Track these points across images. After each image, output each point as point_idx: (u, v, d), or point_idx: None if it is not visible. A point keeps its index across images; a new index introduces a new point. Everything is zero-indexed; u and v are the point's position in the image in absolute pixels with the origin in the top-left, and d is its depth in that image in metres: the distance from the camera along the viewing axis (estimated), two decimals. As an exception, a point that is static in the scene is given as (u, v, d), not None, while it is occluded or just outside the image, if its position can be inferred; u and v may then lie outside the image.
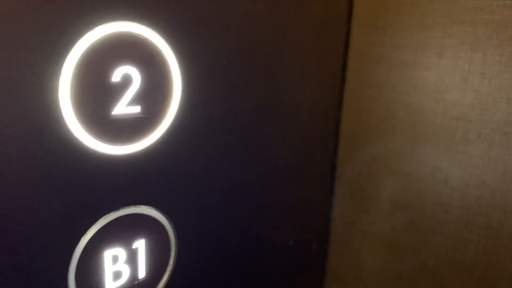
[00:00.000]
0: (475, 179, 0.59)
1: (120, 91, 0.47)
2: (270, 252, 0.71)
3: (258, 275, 0.70)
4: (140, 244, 0.53)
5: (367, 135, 0.70)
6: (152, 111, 0.50)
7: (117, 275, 0.52)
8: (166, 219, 0.54)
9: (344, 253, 0.76)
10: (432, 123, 0.62)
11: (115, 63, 0.46)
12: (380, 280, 0.72)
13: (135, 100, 0.48)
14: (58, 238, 0.47)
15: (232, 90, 0.57)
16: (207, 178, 0.58)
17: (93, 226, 0.49)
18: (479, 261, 0.60)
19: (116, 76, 0.46)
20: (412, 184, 0.65)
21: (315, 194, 0.75)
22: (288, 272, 0.76)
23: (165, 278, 0.56)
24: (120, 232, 0.51)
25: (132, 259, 0.52)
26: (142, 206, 0.52)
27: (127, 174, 0.50)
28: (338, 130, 0.75)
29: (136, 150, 0.50)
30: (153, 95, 0.49)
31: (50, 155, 0.44)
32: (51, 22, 0.41)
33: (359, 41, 0.69)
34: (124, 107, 0.48)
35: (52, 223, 0.46)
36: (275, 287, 0.75)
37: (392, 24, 0.65)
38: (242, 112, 0.59)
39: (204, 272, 0.61)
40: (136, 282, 0.53)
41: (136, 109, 0.48)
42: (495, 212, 0.58)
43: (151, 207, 0.53)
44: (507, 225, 0.57)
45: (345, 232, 0.75)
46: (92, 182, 0.48)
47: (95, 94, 0.46)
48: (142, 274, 0.54)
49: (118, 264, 0.51)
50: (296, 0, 0.63)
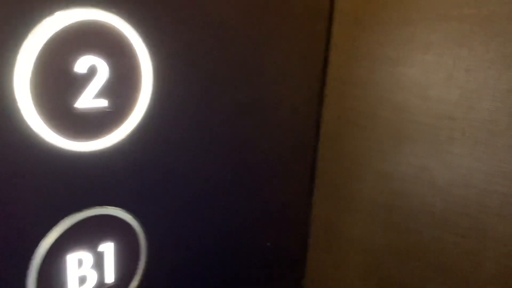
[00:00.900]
0: (460, 179, 0.57)
1: (84, 83, 0.44)
2: (247, 254, 0.68)
3: (235, 279, 0.67)
4: (107, 247, 0.50)
5: (349, 134, 0.67)
6: (120, 105, 0.46)
7: (82, 280, 0.48)
8: (136, 221, 0.51)
9: (324, 255, 0.74)
10: (416, 121, 0.60)
11: (79, 52, 0.43)
12: (361, 283, 0.69)
13: (101, 93, 0.45)
14: (16, 241, 0.43)
15: (207, 84, 0.54)
16: (180, 178, 0.54)
17: (54, 228, 0.45)
18: (463, 263, 0.58)
19: (81, 66, 0.43)
20: (395, 185, 0.63)
21: (294, 194, 0.73)
22: (266, 275, 0.73)
23: (135, 283, 0.53)
24: (86, 235, 0.48)
25: (98, 263, 0.49)
26: (109, 207, 0.49)
27: (93, 173, 0.47)
28: (318, 128, 0.72)
29: (102, 146, 0.47)
30: (121, 88, 0.46)
31: (6, 152, 0.41)
32: (3, 6, 0.38)
33: (341, 36, 0.67)
34: (90, 100, 0.44)
35: (9, 224, 0.42)
36: (252, 291, 0.72)
37: (376, 19, 0.62)
38: (218, 109, 0.56)
39: (176, 277, 0.58)
40: (104, 288, 0.50)
41: (102, 102, 0.45)
42: (480, 214, 0.56)
43: (119, 208, 0.50)
44: (492, 227, 0.55)
45: (324, 233, 0.73)
46: (53, 181, 0.45)
47: (57, 85, 0.42)
48: (110, 278, 0.51)
49: (84, 268, 0.48)
50: (276, -7, 0.60)
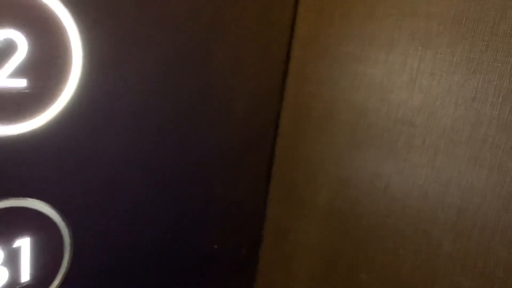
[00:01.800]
0: (417, 190, 0.54)
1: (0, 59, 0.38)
2: (193, 255, 0.64)
3: (178, 281, 0.63)
4: (23, 243, 0.45)
5: (306, 135, 0.63)
6: (43, 87, 0.42)
7: (-9, 278, 0.43)
8: (59, 215, 0.46)
9: (276, 260, 0.70)
10: (375, 125, 0.56)
11: (-6, 24, 0.38)
12: (310, 293, 0.66)
13: (19, 72, 0.40)
14: None
15: (150, 70, 0.50)
16: (114, 170, 0.50)
17: (-41, 219, 0.40)
18: (415, 278, 0.55)
19: (-4, 40, 0.38)
20: (349, 191, 0.59)
21: (247, 196, 0.68)
22: (213, 280, 0.69)
23: (55, 283, 0.48)
24: (-2, 228, 0.43)
25: (12, 260, 0.44)
26: (28, 198, 0.44)
27: (9, 160, 0.42)
28: (277, 127, 0.68)
29: (20, 131, 0.42)
30: (43, 68, 0.41)
31: None
32: None
33: (305, 29, 0.62)
34: (5, 79, 0.39)
35: None
36: (198, 294, 0.68)
37: (340, 13, 0.58)
38: (161, 98, 0.52)
39: (105, 279, 0.53)
40: (18, 287, 0.45)
41: (21, 82, 0.40)
42: (434, 228, 0.53)
43: (39, 201, 0.45)
44: (446, 242, 0.52)
45: (277, 237, 0.69)
46: (-40, 167, 0.39)
47: (-34, 60, 0.37)
48: (25, 277, 0.46)
49: (-7, 265, 0.43)
50: (236, -23, 0.55)
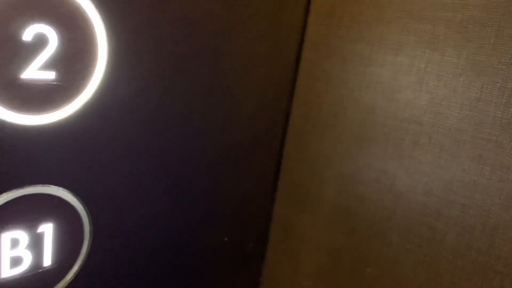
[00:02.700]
0: (421, 187, 0.56)
1: (31, 52, 0.41)
2: (202, 248, 0.66)
3: (187, 272, 0.65)
4: (47, 229, 0.47)
5: (315, 132, 0.65)
6: (70, 79, 0.44)
7: (16, 262, 0.45)
8: (80, 203, 0.48)
9: (282, 254, 0.72)
10: (382, 124, 0.58)
11: (27, 19, 0.40)
12: (315, 285, 0.68)
13: (49, 65, 0.42)
14: None
15: (168, 66, 0.52)
16: (132, 162, 0.52)
17: (-11, 203, 0.43)
18: (418, 272, 0.57)
19: (28, 34, 0.40)
20: (356, 187, 0.61)
21: (256, 190, 0.71)
22: (221, 270, 0.71)
23: (75, 268, 0.50)
24: (23, 213, 0.45)
25: (36, 244, 0.46)
26: (52, 186, 0.46)
27: (36, 148, 0.44)
28: (287, 124, 0.70)
29: (48, 121, 0.44)
30: (71, 61, 0.43)
31: None
32: None
33: (315, 31, 0.65)
34: (36, 71, 0.41)
35: None
36: (207, 285, 0.70)
37: (350, 15, 0.61)
38: (178, 93, 0.54)
39: (123, 265, 0.55)
40: (40, 271, 0.47)
41: (50, 74, 0.42)
42: (439, 223, 0.55)
43: (63, 188, 0.47)
44: (449, 237, 0.54)
45: (284, 232, 0.71)
46: (-8, 154, 0.42)
47: (2, 53, 0.39)
48: (47, 262, 0.48)
49: (18, 249, 0.45)
50: (251, -21, 0.58)
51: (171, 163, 0.56)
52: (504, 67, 0.50)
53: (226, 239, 0.67)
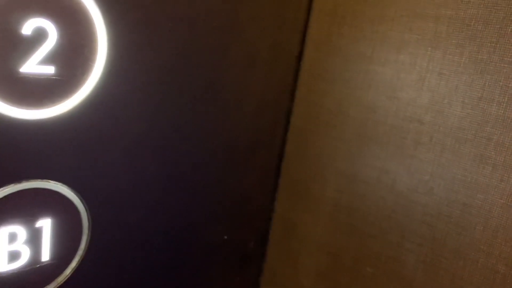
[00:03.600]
0: (422, 186, 0.55)
1: (30, 46, 0.41)
2: (202, 245, 0.66)
3: (186, 269, 0.65)
4: (45, 224, 0.47)
5: (316, 131, 0.65)
6: (69, 74, 0.44)
7: (14, 256, 0.45)
8: (79, 198, 0.48)
9: (282, 253, 0.71)
10: (384, 122, 0.58)
11: (27, 13, 0.40)
12: (315, 284, 0.67)
13: (49, 59, 0.42)
14: None
15: (169, 62, 0.52)
16: (132, 158, 0.52)
17: (-13, 197, 0.43)
18: (418, 272, 0.57)
19: (27, 28, 0.40)
20: (357, 187, 0.61)
21: (257, 189, 0.70)
22: (221, 269, 0.71)
23: (73, 264, 0.50)
24: (21, 208, 0.45)
25: (34, 239, 0.46)
26: (51, 181, 0.46)
27: (35, 143, 0.44)
28: (288, 123, 0.70)
29: (47, 116, 0.44)
30: (71, 56, 0.43)
31: None
32: None
33: (318, 29, 0.64)
34: (35, 66, 0.41)
35: None
36: (206, 284, 0.69)
37: (352, 14, 0.60)
38: (179, 89, 0.54)
39: (121, 261, 0.55)
40: (38, 266, 0.47)
41: (49, 69, 0.42)
42: (439, 223, 0.54)
43: (61, 184, 0.47)
44: (450, 237, 0.54)
45: (285, 231, 0.71)
46: (-9, 147, 0.42)
47: (1, 47, 0.39)
48: (46, 257, 0.48)
49: (16, 243, 0.45)
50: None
51: (171, 159, 0.56)
52: (506, 65, 0.49)
53: (225, 237, 0.67)
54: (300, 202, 0.69)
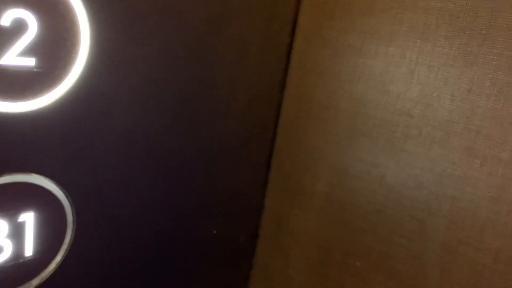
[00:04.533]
0: (412, 180, 0.55)
1: (10, 38, 0.40)
2: (192, 240, 0.65)
3: (176, 264, 0.64)
4: (28, 218, 0.46)
5: (306, 125, 0.65)
6: (51, 67, 0.43)
7: (-4, 250, 0.45)
8: (63, 192, 0.48)
9: (273, 247, 0.71)
10: (374, 116, 0.57)
11: (5, 3, 0.39)
12: (306, 279, 0.67)
13: (29, 51, 0.41)
14: None
15: (156, 54, 0.51)
16: (119, 152, 0.51)
17: (-33, 191, 0.42)
18: (408, 267, 0.56)
19: (6, 19, 0.40)
20: (347, 181, 0.61)
21: (247, 183, 0.70)
22: (211, 264, 0.70)
23: (58, 259, 0.50)
24: (4, 202, 0.45)
25: (17, 233, 0.46)
26: (33, 174, 0.46)
27: (17, 136, 0.44)
28: (278, 117, 0.69)
29: (28, 109, 0.43)
30: (52, 48, 0.43)
31: None
32: None
33: (308, 22, 0.64)
34: (15, 58, 0.41)
35: None
36: (196, 279, 0.69)
37: (342, 6, 0.60)
38: (167, 83, 0.53)
39: (108, 256, 0.55)
40: (21, 261, 0.47)
41: (30, 61, 0.42)
42: (429, 217, 0.54)
43: (45, 177, 0.46)
44: (439, 231, 0.53)
45: (275, 226, 0.70)
46: (-31, 141, 0.41)
47: (-21, 37, 0.39)
48: (29, 251, 0.47)
49: (-1, 238, 0.45)
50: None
51: (159, 154, 0.56)
52: (495, 57, 0.49)
53: (215, 231, 0.66)
54: (291, 197, 0.68)
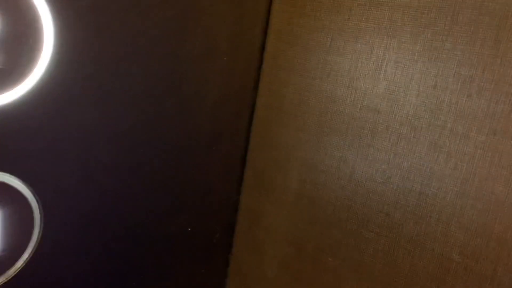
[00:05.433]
0: (380, 175, 0.56)
1: (-30, 35, 0.40)
2: (166, 237, 0.65)
3: (149, 262, 0.64)
4: (-6, 215, 0.46)
5: (278, 121, 0.65)
6: (14, 63, 0.43)
7: (-39, 248, 0.45)
8: (29, 190, 0.48)
9: (248, 244, 0.71)
10: (342, 112, 0.58)
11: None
12: (280, 275, 0.67)
13: (-10, 48, 0.41)
14: None
15: (121, 52, 0.51)
16: (86, 148, 0.51)
17: None
18: (377, 261, 0.57)
19: (-34, 16, 0.39)
20: (318, 176, 0.61)
21: (221, 180, 0.70)
22: (187, 261, 0.70)
23: (25, 256, 0.50)
24: (-32, 199, 0.44)
25: (-19, 231, 0.46)
26: (-1, 172, 0.46)
27: (-20, 134, 0.44)
28: (252, 114, 0.70)
29: (-9, 106, 0.43)
30: (14, 45, 0.43)
31: None
32: None
33: (279, 19, 0.64)
34: (-24, 54, 0.41)
35: None
36: (172, 276, 0.69)
37: (311, 4, 0.60)
38: (133, 78, 0.53)
39: (77, 254, 0.55)
40: (-12, 258, 0.47)
41: (-9, 58, 0.42)
42: (397, 212, 0.55)
43: (9, 174, 0.46)
44: (407, 225, 0.54)
45: (250, 222, 0.71)
46: None
47: None
48: (-5, 249, 0.47)
49: (-37, 235, 0.45)
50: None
51: (128, 151, 0.56)
52: (459, 53, 0.49)
53: (189, 229, 0.66)
54: (264, 193, 0.69)
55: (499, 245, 0.48)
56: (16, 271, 0.49)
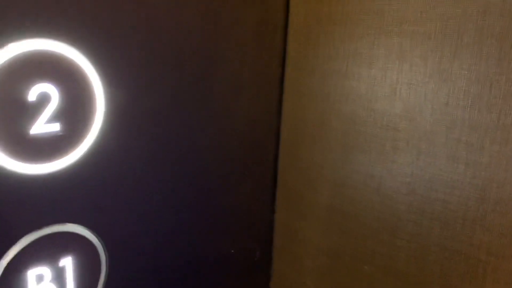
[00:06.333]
0: (405, 187, 0.61)
1: (37, 110, 0.46)
2: (211, 264, 0.71)
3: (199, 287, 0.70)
4: (67, 262, 0.52)
5: (304, 143, 0.70)
6: (73, 129, 0.49)
7: (42, 295, 0.51)
8: (95, 236, 0.54)
9: (287, 258, 0.77)
10: (364, 132, 0.63)
11: (31, 80, 0.45)
12: (319, 285, 0.73)
13: (54, 118, 0.47)
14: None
15: (161, 103, 0.57)
16: (139, 195, 0.57)
17: (13, 246, 0.48)
18: (410, 266, 0.62)
19: (33, 94, 0.45)
20: (346, 191, 0.66)
21: (256, 202, 0.76)
22: (232, 281, 0.76)
23: (95, 295, 0.56)
24: (45, 251, 0.50)
25: (59, 277, 0.52)
26: (68, 223, 0.51)
27: (50, 193, 0.50)
28: (278, 138, 0.75)
29: (57, 168, 0.49)
30: (73, 113, 0.48)
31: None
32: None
33: (296, 51, 0.69)
34: (43, 125, 0.47)
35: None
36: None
37: (325, 34, 0.65)
38: (172, 125, 0.59)
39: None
40: (64, 301, 0.53)
41: (55, 127, 0.48)
42: (424, 220, 0.59)
43: (78, 225, 0.52)
44: (435, 231, 0.59)
45: (287, 238, 0.76)
46: (11, 203, 0.47)
47: (11, 113, 0.45)
48: (70, 292, 0.53)
49: (43, 283, 0.51)
50: (230, 8, 0.62)
51: (177, 188, 0.62)
52: (466, 72, 0.54)
53: (232, 251, 0.72)
54: (297, 210, 0.74)
55: (521, 243, 0.53)
56: (89, 309, 0.55)
